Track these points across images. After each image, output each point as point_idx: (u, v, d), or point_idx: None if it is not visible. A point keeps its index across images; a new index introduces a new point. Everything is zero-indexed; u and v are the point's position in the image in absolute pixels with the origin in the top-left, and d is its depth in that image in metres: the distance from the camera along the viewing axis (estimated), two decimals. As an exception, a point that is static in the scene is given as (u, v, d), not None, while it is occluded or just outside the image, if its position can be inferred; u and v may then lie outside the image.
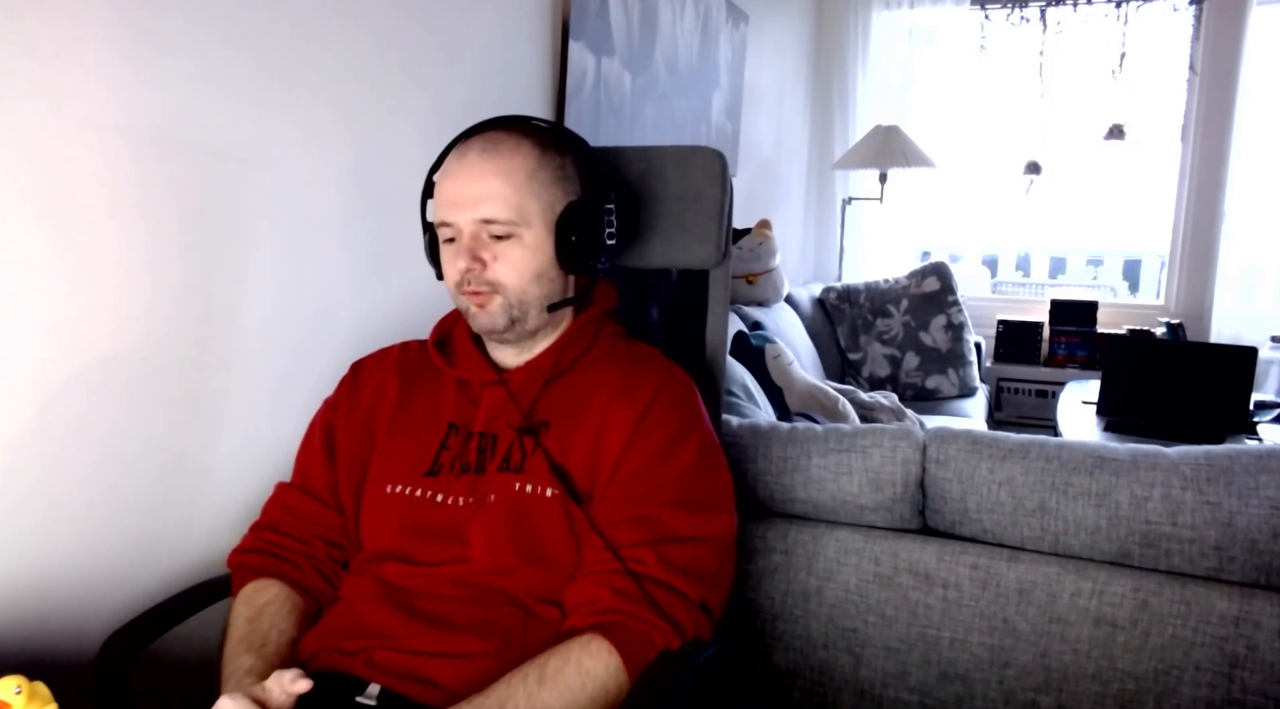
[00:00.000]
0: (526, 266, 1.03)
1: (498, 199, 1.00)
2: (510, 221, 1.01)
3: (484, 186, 1.00)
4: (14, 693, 0.72)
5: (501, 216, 1.00)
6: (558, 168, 1.05)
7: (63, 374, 1.02)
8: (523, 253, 1.02)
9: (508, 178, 1.00)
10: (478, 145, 1.03)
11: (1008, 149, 4.32)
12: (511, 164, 1.01)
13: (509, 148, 1.02)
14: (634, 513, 0.98)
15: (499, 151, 1.02)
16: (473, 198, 1.00)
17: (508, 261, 1.02)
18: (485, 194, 1.00)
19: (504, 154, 1.02)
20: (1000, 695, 1.37)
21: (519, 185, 1.01)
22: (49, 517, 1.03)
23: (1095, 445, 1.39)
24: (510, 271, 1.02)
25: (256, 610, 1.00)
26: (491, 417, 1.06)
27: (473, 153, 1.02)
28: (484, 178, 1.00)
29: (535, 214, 1.02)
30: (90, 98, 1.01)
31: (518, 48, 1.83)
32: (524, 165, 1.02)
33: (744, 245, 2.95)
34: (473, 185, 1.00)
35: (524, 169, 1.01)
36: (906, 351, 3.46)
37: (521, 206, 1.01)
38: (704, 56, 2.74)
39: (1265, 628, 1.24)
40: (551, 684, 0.87)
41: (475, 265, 1.01)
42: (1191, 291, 3.88)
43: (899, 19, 4.06)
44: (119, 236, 1.06)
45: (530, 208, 1.02)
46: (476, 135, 1.05)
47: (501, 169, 1.01)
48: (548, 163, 1.04)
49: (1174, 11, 3.81)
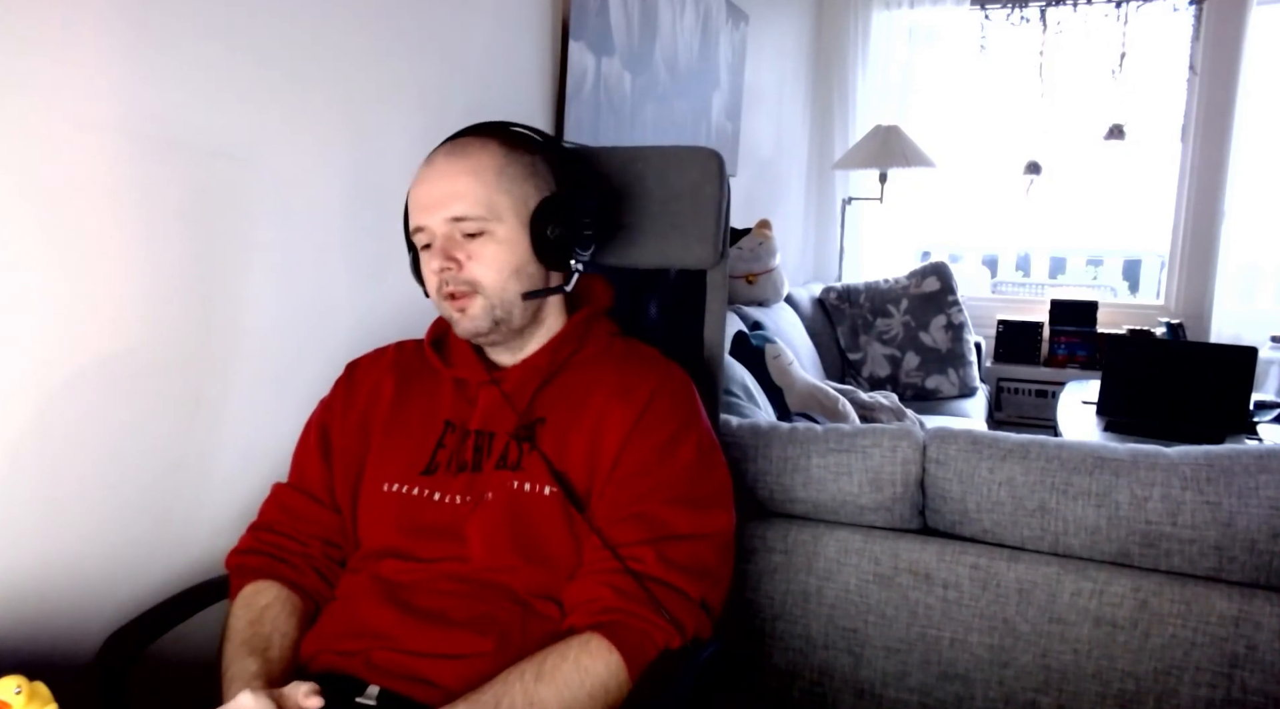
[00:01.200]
0: (503, 263, 1.03)
1: (467, 196, 1.01)
2: (481, 217, 1.01)
3: (452, 186, 1.01)
4: (14, 693, 0.72)
5: (471, 213, 1.01)
6: (527, 165, 1.06)
7: (63, 374, 1.02)
8: (497, 249, 1.03)
9: (475, 175, 1.02)
10: (444, 150, 1.06)
11: (1008, 149, 4.32)
12: (478, 162, 1.03)
13: (475, 148, 1.04)
14: (633, 511, 0.98)
15: (465, 152, 1.04)
16: (441, 197, 1.01)
17: (482, 259, 1.02)
18: (453, 193, 1.01)
19: (470, 154, 1.03)
20: (1000, 695, 1.37)
21: (488, 182, 1.02)
22: (49, 517, 1.03)
23: (1095, 445, 1.39)
24: (486, 269, 1.02)
25: (257, 613, 1.00)
26: (488, 415, 1.06)
27: (439, 157, 1.05)
28: (452, 177, 1.02)
29: (507, 209, 1.03)
30: (90, 98, 1.01)
31: (518, 48, 1.83)
32: (491, 163, 1.03)
33: (744, 245, 2.94)
34: (441, 185, 1.02)
35: (491, 167, 1.03)
36: (906, 351, 3.46)
37: (492, 202, 1.02)
38: (704, 56, 2.74)
39: (1265, 628, 1.24)
40: (549, 681, 0.87)
41: (450, 265, 1.01)
42: (1191, 291, 3.88)
43: (899, 19, 4.06)
44: (119, 236, 1.06)
45: (501, 203, 1.02)
46: (440, 146, 1.07)
47: (468, 167, 1.02)
48: (516, 160, 1.05)
49: (1174, 11, 3.81)
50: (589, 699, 0.88)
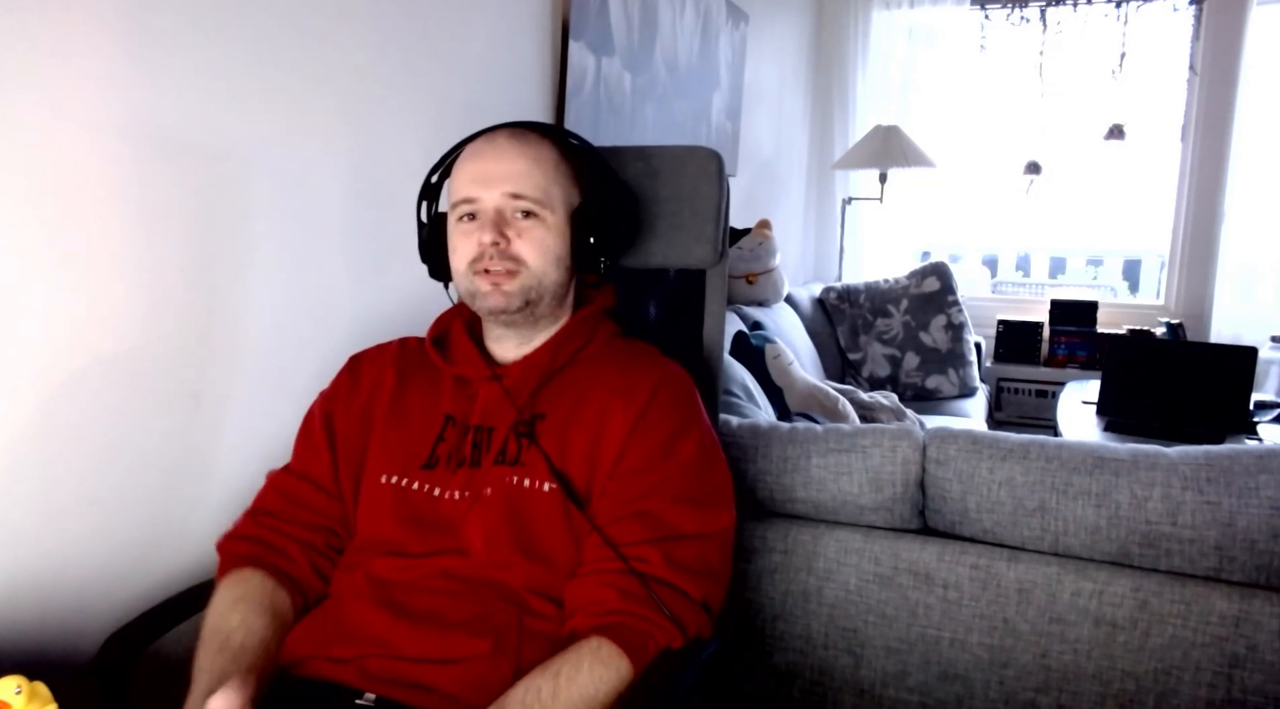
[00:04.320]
0: (549, 248, 1.05)
1: (528, 178, 1.04)
2: (538, 201, 1.04)
3: (515, 165, 1.04)
4: (14, 693, 0.72)
5: (531, 194, 1.04)
6: (574, 167, 1.10)
7: (63, 374, 1.02)
8: (545, 233, 1.05)
9: (537, 162, 1.06)
10: (506, 132, 1.08)
11: (1008, 149, 4.31)
12: (539, 151, 1.07)
13: (535, 139, 1.08)
14: (635, 509, 0.98)
15: (527, 139, 1.07)
16: (504, 174, 1.04)
17: (532, 240, 1.04)
18: (517, 171, 1.04)
19: (532, 142, 1.07)
20: (1000, 695, 1.37)
21: (547, 171, 1.06)
22: (49, 516, 1.03)
23: (1095, 445, 1.39)
24: (534, 250, 1.04)
25: (229, 605, 0.97)
26: (488, 410, 1.06)
27: (502, 137, 1.07)
28: (515, 158, 1.05)
29: (559, 201, 1.07)
30: (91, 98, 1.01)
31: (518, 48, 1.83)
32: (550, 156, 1.08)
33: (744, 245, 2.94)
34: (504, 163, 1.04)
35: (550, 159, 1.07)
36: (906, 352, 3.45)
37: (548, 191, 1.06)
38: (704, 56, 2.74)
39: (1265, 628, 1.24)
40: (566, 696, 0.85)
41: (501, 240, 1.03)
42: (1191, 291, 3.88)
43: (899, 19, 4.06)
44: (119, 236, 1.06)
45: (555, 195, 1.06)
46: (500, 128, 1.09)
47: (531, 153, 1.06)
48: (566, 160, 1.10)
49: (1174, 11, 3.81)
50: (601, 708, 0.87)
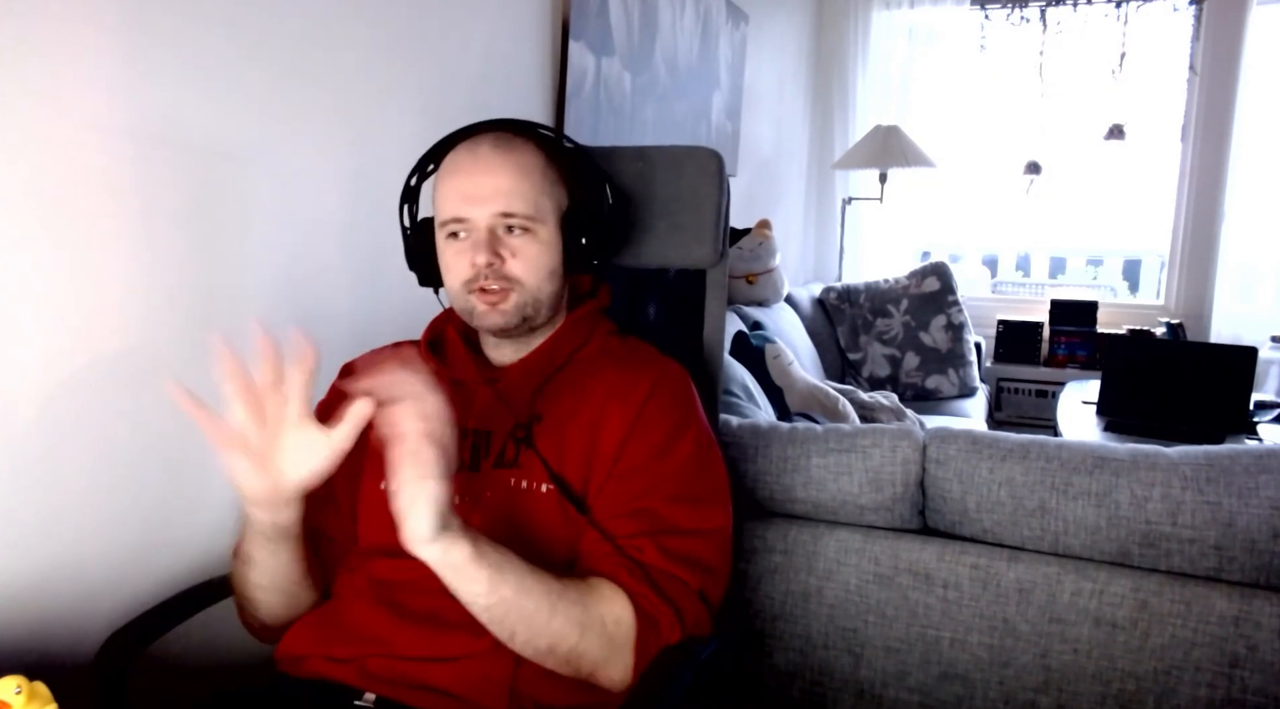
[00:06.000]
0: (542, 263, 1.02)
1: (517, 194, 1.00)
2: (529, 216, 1.01)
3: (502, 180, 0.99)
4: (14, 693, 0.72)
5: (522, 211, 1.00)
6: (560, 168, 1.06)
7: (63, 374, 1.02)
8: (539, 249, 1.02)
9: (524, 173, 1.01)
10: (488, 141, 1.02)
11: (1008, 149, 4.32)
12: (525, 161, 1.01)
13: (520, 145, 1.03)
14: (633, 508, 0.98)
15: (512, 147, 1.02)
16: (492, 191, 0.99)
17: (525, 257, 1.01)
18: (505, 188, 0.99)
19: (517, 150, 1.02)
20: (1000, 695, 1.37)
21: (535, 181, 1.01)
22: (49, 516, 1.03)
23: (1095, 445, 1.39)
24: (527, 268, 1.01)
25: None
26: (485, 414, 1.06)
27: (485, 148, 1.01)
28: (501, 171, 1.00)
29: (549, 211, 1.03)
30: (91, 97, 1.01)
31: (518, 48, 1.83)
32: (535, 163, 1.02)
33: (744, 245, 2.95)
34: (490, 179, 1.00)
35: (536, 166, 1.02)
36: (906, 351, 3.45)
37: (538, 203, 1.01)
38: (704, 56, 2.74)
39: (1265, 628, 1.24)
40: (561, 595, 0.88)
41: (495, 260, 1.00)
42: (1191, 291, 3.88)
43: (899, 19, 4.06)
44: (120, 236, 1.07)
45: (545, 206, 1.02)
46: (482, 133, 1.04)
47: (517, 164, 1.01)
48: (552, 163, 1.05)
49: (1174, 11, 3.81)
50: (583, 612, 0.90)
